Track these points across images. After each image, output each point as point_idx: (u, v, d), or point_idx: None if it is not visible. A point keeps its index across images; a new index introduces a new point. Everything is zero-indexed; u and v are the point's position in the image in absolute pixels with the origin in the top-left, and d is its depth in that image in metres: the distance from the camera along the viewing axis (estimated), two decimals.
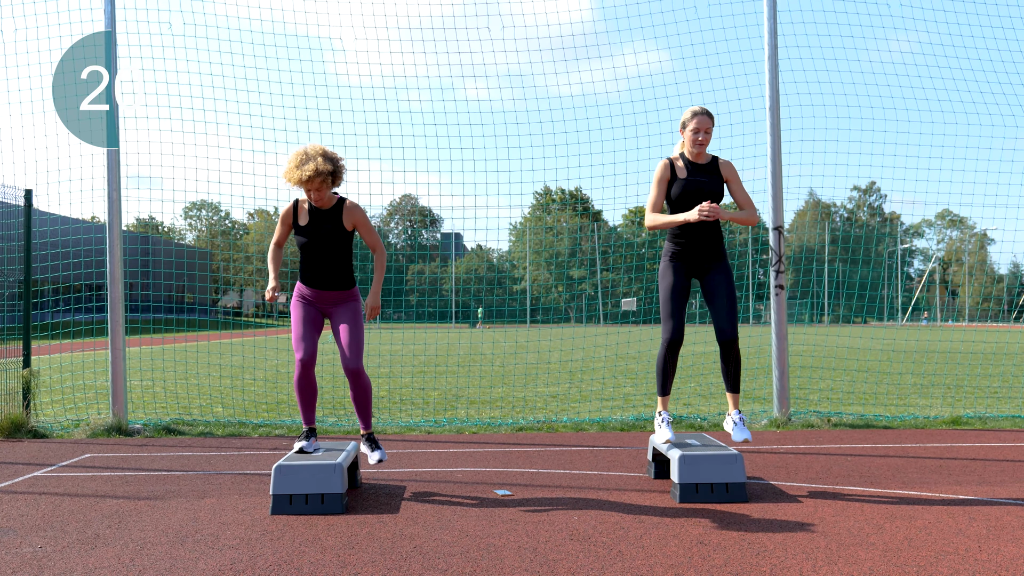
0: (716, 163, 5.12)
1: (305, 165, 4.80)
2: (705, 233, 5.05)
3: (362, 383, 5.03)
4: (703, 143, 4.98)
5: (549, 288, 58.20)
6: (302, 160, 4.82)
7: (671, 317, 4.97)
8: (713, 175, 5.06)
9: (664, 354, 4.99)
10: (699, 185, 5.01)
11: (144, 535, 4.08)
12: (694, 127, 4.99)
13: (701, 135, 4.98)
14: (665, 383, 5.04)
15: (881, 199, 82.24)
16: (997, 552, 3.73)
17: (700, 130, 4.98)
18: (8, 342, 8.15)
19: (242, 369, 14.53)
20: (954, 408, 9.05)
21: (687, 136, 5.03)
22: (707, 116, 5.00)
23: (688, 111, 5.06)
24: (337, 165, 4.91)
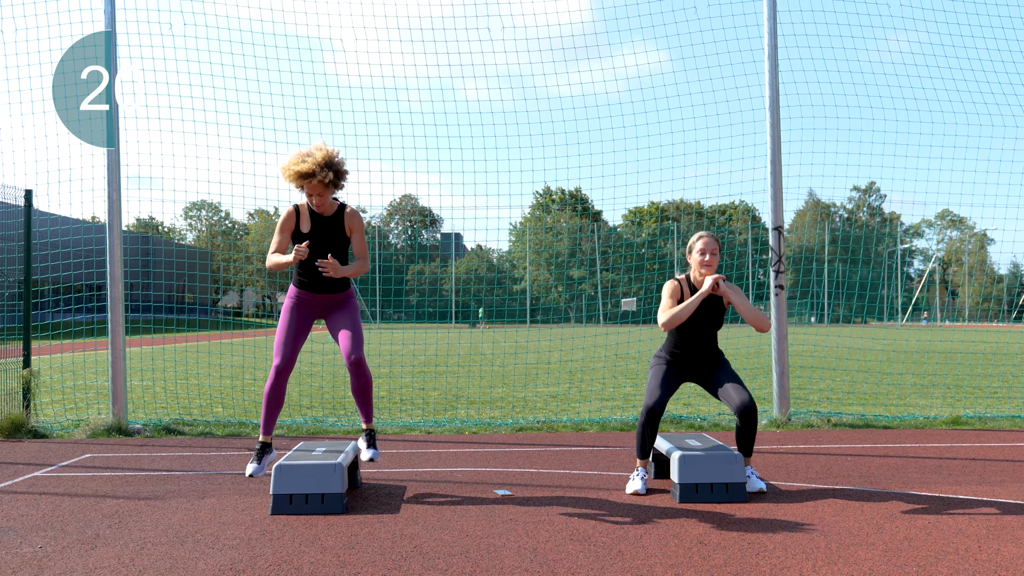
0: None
1: (304, 164, 4.74)
2: (702, 347, 5.11)
3: (364, 373, 4.96)
4: (711, 264, 5.04)
5: (549, 288, 58.21)
6: (302, 160, 4.76)
7: (657, 389, 4.99)
8: (715, 301, 5.11)
9: (644, 422, 4.97)
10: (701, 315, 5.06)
11: (144, 535, 4.08)
12: (700, 248, 5.05)
13: (708, 256, 5.03)
14: (644, 448, 5.03)
15: (881, 199, 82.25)
16: (997, 552, 3.73)
17: (707, 251, 5.03)
18: (8, 342, 8.15)
19: (242, 369, 14.53)
20: (954, 408, 9.05)
21: (694, 260, 5.09)
22: (712, 239, 5.08)
23: (694, 236, 5.15)
24: (339, 169, 4.83)
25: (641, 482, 5.00)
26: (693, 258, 5.10)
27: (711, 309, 5.08)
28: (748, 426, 4.92)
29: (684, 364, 5.15)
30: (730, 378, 5.04)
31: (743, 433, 4.94)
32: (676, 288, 5.12)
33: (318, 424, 8.06)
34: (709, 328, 5.10)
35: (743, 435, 4.95)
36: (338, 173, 4.82)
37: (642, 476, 5.04)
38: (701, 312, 5.06)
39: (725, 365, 5.16)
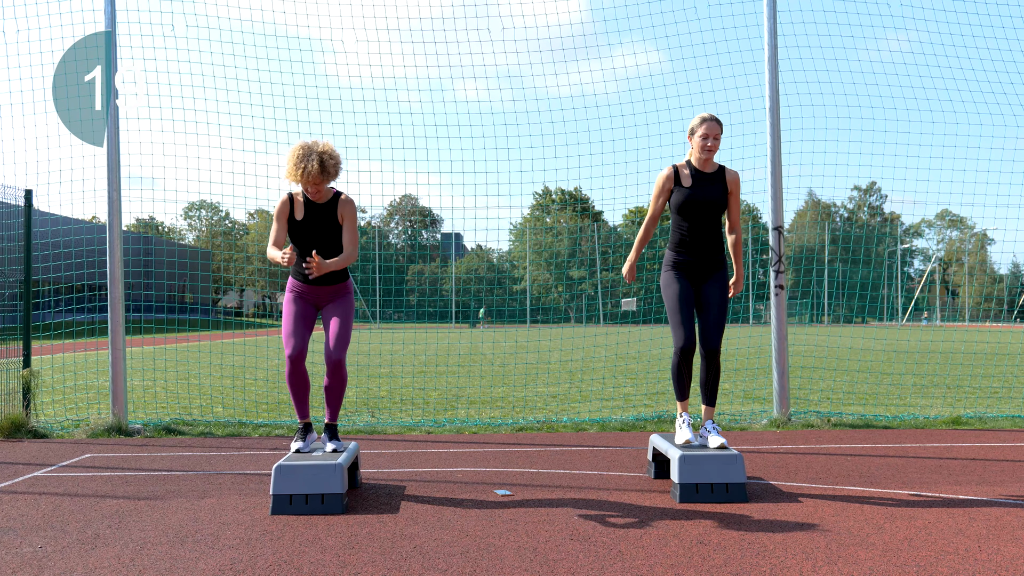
0: (723, 173, 5.10)
1: (306, 163, 4.80)
2: (705, 241, 5.07)
3: (340, 375, 5.01)
4: (712, 149, 4.95)
5: (549, 288, 58.21)
6: (302, 157, 4.83)
7: (681, 325, 4.96)
8: (718, 184, 5.05)
9: (678, 362, 4.98)
10: (704, 195, 5.01)
11: (144, 535, 4.09)
12: (703, 133, 4.97)
13: (710, 141, 4.95)
14: (683, 389, 5.05)
15: (881, 199, 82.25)
16: (997, 552, 3.73)
17: (709, 136, 4.95)
18: (8, 342, 8.15)
19: (242, 369, 14.53)
20: (954, 408, 9.05)
21: (696, 142, 5.01)
22: (716, 123, 4.97)
23: (697, 117, 5.03)
24: (335, 163, 4.91)
25: (689, 429, 4.97)
26: (695, 141, 5.00)
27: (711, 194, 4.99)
28: (710, 368, 4.97)
29: (691, 264, 5.07)
30: (717, 304, 5.01)
31: (705, 375, 5.00)
32: (669, 177, 5.03)
33: (318, 424, 8.06)
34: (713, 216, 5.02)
35: (705, 378, 5.01)
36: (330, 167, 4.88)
37: (688, 422, 5.02)
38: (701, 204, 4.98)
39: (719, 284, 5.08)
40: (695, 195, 4.99)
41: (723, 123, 5.01)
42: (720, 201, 5.02)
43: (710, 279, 5.09)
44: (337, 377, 5.02)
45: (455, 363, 16.69)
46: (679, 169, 5.05)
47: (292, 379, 5.00)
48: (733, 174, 5.09)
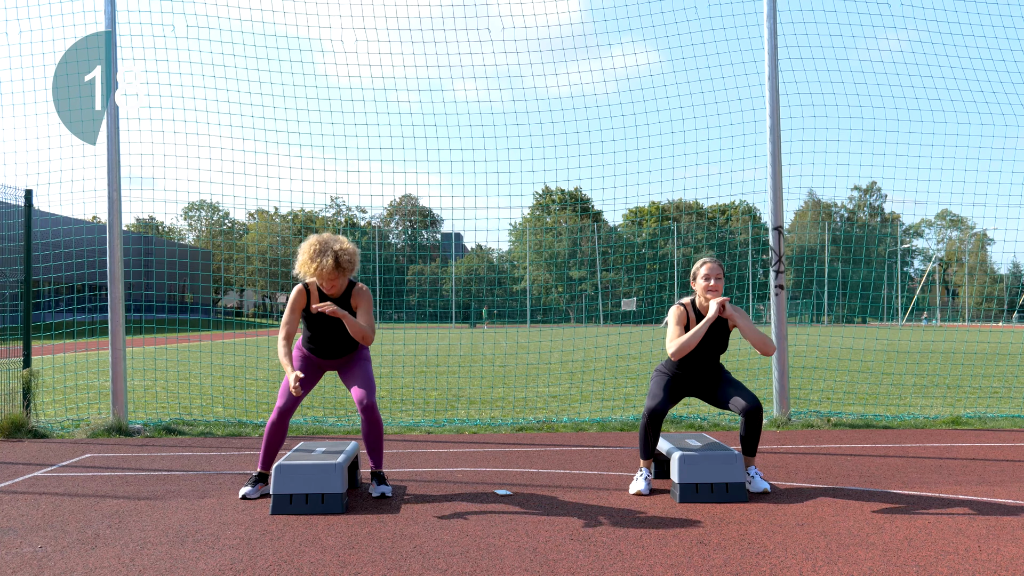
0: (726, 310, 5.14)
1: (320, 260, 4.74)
2: (705, 372, 5.13)
3: (375, 419, 4.91)
4: (715, 289, 5.04)
5: (549, 288, 58.22)
6: (317, 253, 4.77)
7: (660, 392, 5.01)
8: (720, 326, 5.11)
9: (645, 424, 4.97)
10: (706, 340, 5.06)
11: (144, 535, 4.09)
12: (704, 274, 5.06)
13: (712, 281, 5.03)
14: (647, 449, 5.04)
15: (882, 199, 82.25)
16: (997, 552, 3.73)
17: (711, 277, 5.04)
18: (8, 342, 8.15)
19: (242, 369, 14.53)
20: (954, 408, 9.05)
21: (699, 286, 5.10)
22: (717, 265, 5.09)
23: (698, 262, 5.15)
24: (351, 261, 4.84)
25: (645, 482, 5.00)
26: (698, 284, 5.11)
27: (716, 333, 5.09)
28: (752, 426, 4.92)
29: (687, 381, 5.17)
30: (735, 388, 5.04)
31: (747, 433, 4.95)
32: (682, 314, 5.11)
33: (318, 424, 8.06)
34: (713, 352, 5.11)
35: (747, 435, 4.95)
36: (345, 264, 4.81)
37: (646, 476, 5.04)
38: (706, 338, 5.07)
39: (727, 376, 5.17)
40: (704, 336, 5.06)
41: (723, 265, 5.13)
42: (721, 343, 5.13)
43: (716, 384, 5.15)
44: (373, 422, 4.91)
45: (455, 363, 16.69)
46: (687, 308, 5.14)
47: (272, 430, 4.90)
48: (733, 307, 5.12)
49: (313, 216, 69.23)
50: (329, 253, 4.77)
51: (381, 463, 5.03)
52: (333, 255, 4.77)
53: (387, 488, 4.97)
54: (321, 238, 4.83)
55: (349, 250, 4.86)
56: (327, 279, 4.82)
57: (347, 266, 4.83)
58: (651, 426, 4.94)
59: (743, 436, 4.97)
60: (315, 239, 4.83)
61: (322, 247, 4.79)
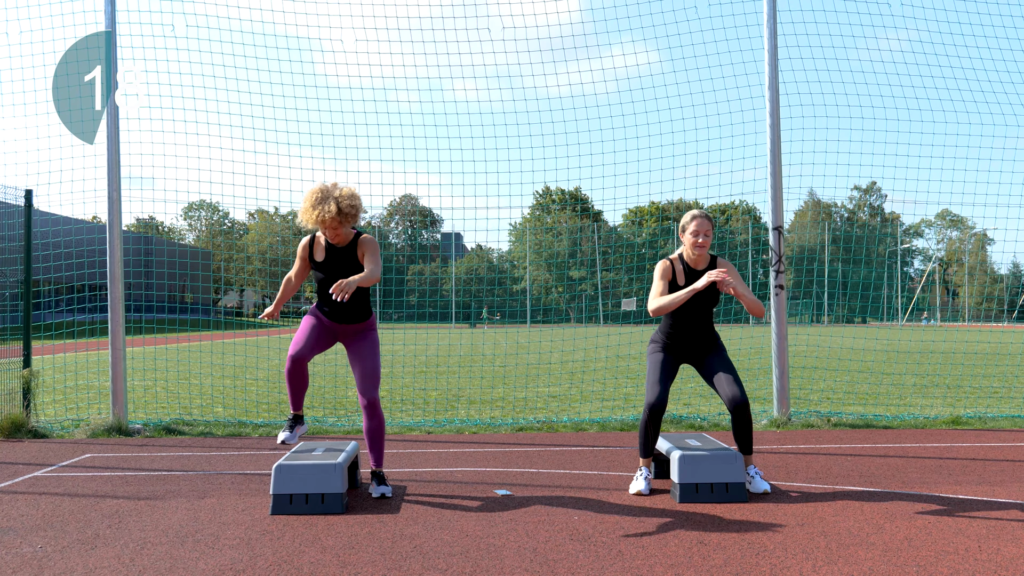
0: (715, 265, 5.10)
1: (322, 207, 4.70)
2: (697, 331, 5.06)
3: (377, 415, 4.88)
4: (703, 245, 4.97)
5: (549, 288, 58.22)
6: (318, 200, 4.72)
7: (656, 384, 4.95)
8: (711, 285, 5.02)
9: (645, 420, 4.94)
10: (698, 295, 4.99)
11: (144, 535, 4.09)
12: (693, 230, 4.98)
13: (701, 238, 4.96)
14: (647, 447, 5.00)
15: (882, 199, 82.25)
16: (997, 552, 3.73)
17: (700, 233, 4.96)
18: (8, 342, 8.15)
19: (242, 369, 14.53)
20: (954, 408, 9.05)
21: (687, 240, 5.02)
22: (706, 219, 5.00)
23: (687, 215, 5.05)
24: (354, 206, 4.79)
25: (645, 482, 4.99)
26: (686, 238, 5.02)
27: (707, 291, 5.01)
28: (741, 422, 4.91)
29: (680, 346, 5.09)
30: (724, 367, 4.98)
31: (738, 429, 4.94)
32: (668, 269, 5.04)
33: (318, 424, 8.06)
34: (704, 309, 5.03)
35: (738, 431, 4.95)
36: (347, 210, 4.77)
37: (645, 476, 5.02)
38: (693, 304, 5.00)
39: (721, 350, 5.09)
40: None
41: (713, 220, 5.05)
42: (712, 297, 5.05)
43: (707, 353, 5.09)
44: (375, 418, 4.88)
45: (455, 363, 16.69)
46: (673, 263, 5.06)
47: (292, 374, 4.86)
48: (726, 264, 5.09)
49: None
50: (331, 200, 4.72)
51: (381, 462, 5.01)
52: (335, 202, 4.72)
53: (387, 488, 4.96)
54: (322, 186, 4.77)
55: (350, 195, 4.80)
56: (330, 227, 4.76)
57: (349, 211, 4.76)
58: (651, 422, 4.92)
59: (735, 433, 4.96)
60: (317, 187, 4.77)
61: (323, 195, 4.74)
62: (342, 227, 4.80)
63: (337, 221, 4.74)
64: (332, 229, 4.79)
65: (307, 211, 4.75)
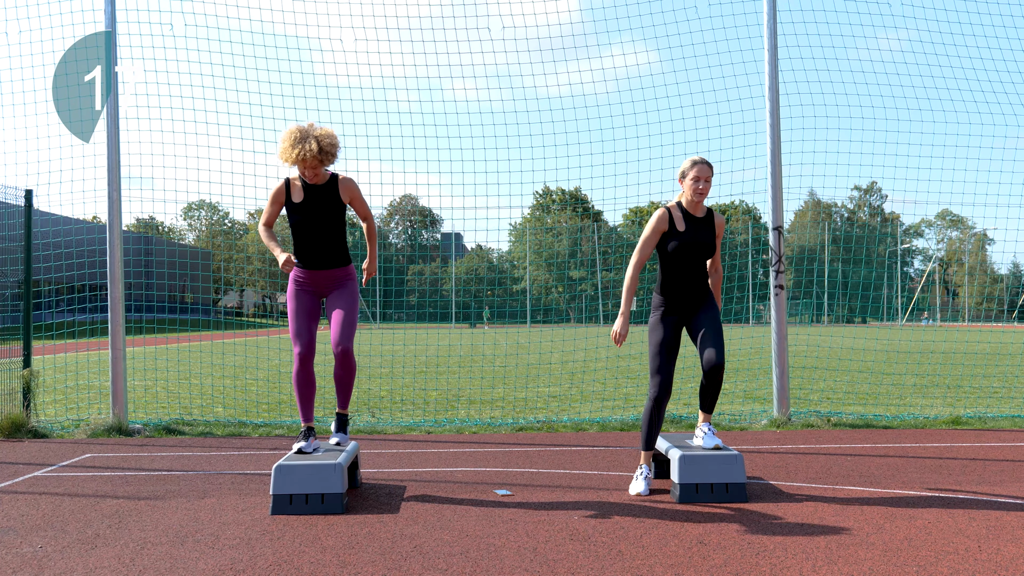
0: (711, 217, 5.11)
1: (303, 145, 4.74)
2: (693, 283, 5.08)
3: (349, 363, 4.93)
4: (703, 192, 4.98)
5: (549, 288, 58.21)
6: (297, 139, 4.76)
7: (659, 372, 4.95)
8: (707, 230, 5.07)
9: (650, 410, 4.95)
10: (695, 240, 5.02)
11: (144, 535, 4.09)
12: (694, 175, 4.97)
13: (701, 184, 4.96)
14: (650, 439, 5.00)
15: (882, 199, 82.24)
16: (997, 552, 3.73)
17: (700, 179, 4.96)
18: (8, 342, 8.15)
19: (242, 369, 14.53)
20: (954, 408, 9.05)
21: (687, 185, 5.01)
22: (707, 165, 4.99)
23: (687, 160, 5.05)
24: (333, 144, 4.85)
25: (644, 483, 4.97)
26: (686, 183, 5.02)
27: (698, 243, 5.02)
28: (711, 383, 4.96)
29: (678, 305, 5.07)
30: (712, 326, 5.00)
31: (706, 389, 5.00)
32: (663, 219, 5.02)
33: (318, 424, 8.06)
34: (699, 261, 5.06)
35: (706, 392, 5.01)
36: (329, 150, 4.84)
37: (645, 475, 5.00)
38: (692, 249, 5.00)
39: (711, 309, 5.10)
40: (688, 239, 5.01)
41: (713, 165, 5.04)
42: (710, 245, 5.07)
43: (699, 311, 5.10)
44: (346, 367, 4.94)
45: (455, 363, 16.69)
46: (672, 211, 5.05)
47: (300, 379, 4.94)
48: (720, 219, 5.14)
49: None
50: (311, 139, 4.76)
51: (347, 404, 5.11)
52: (315, 140, 4.77)
53: (344, 436, 5.06)
54: (300, 126, 4.84)
55: (329, 135, 4.86)
56: (310, 166, 4.81)
57: (329, 149, 4.82)
58: (656, 413, 4.94)
59: (702, 391, 5.04)
60: (294, 127, 4.83)
61: (303, 134, 4.79)
62: (321, 166, 4.87)
63: (317, 160, 4.80)
64: (312, 168, 4.84)
65: (286, 150, 4.78)
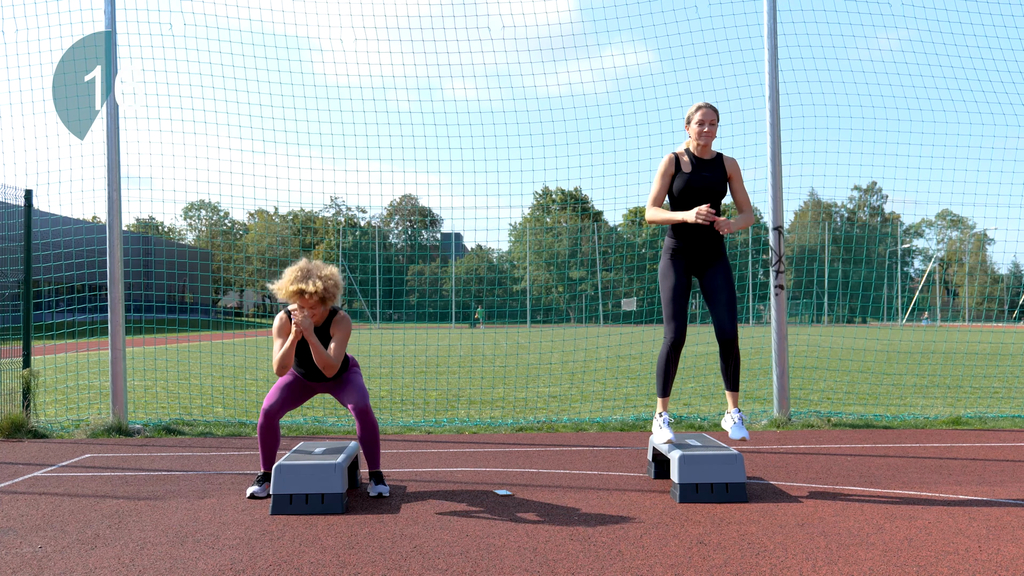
0: (720, 159, 5.17)
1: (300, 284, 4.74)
2: (705, 230, 5.09)
3: (370, 421, 4.91)
4: (708, 134, 5.04)
5: (549, 288, 58.22)
6: (298, 278, 4.77)
7: (674, 318, 5.00)
8: (717, 170, 5.11)
9: (666, 354, 5.02)
10: (703, 181, 5.06)
11: (144, 535, 4.08)
12: (699, 119, 5.06)
13: (706, 127, 5.03)
14: (666, 384, 5.08)
15: (883, 199, 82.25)
16: (997, 552, 3.73)
17: (705, 122, 5.04)
18: (8, 342, 8.15)
19: (242, 369, 14.53)
20: (954, 408, 9.05)
21: (692, 129, 5.10)
22: (711, 109, 5.07)
23: (693, 106, 5.14)
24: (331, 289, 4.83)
25: (668, 428, 5.05)
26: (692, 128, 5.09)
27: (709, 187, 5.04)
28: (727, 355, 5.00)
29: (688, 253, 5.09)
30: (726, 288, 5.04)
31: (724, 361, 5.04)
32: (671, 163, 5.08)
33: (318, 424, 8.06)
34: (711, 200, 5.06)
35: (724, 363, 5.05)
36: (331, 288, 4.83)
37: (667, 421, 5.09)
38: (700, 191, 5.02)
39: (725, 265, 5.12)
40: (694, 181, 5.05)
41: (719, 111, 5.10)
42: (719, 187, 5.09)
43: (712, 267, 5.11)
44: (368, 425, 4.91)
45: (455, 363, 16.69)
46: (679, 156, 5.12)
47: (264, 433, 4.90)
48: (732, 160, 5.19)
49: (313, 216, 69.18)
50: (314, 279, 4.76)
51: (378, 463, 5.03)
52: (320, 281, 4.76)
53: (384, 488, 4.97)
54: (306, 264, 4.84)
55: (334, 278, 4.85)
56: (309, 305, 4.81)
57: (333, 290, 4.84)
58: (671, 357, 5.01)
59: (722, 366, 5.07)
60: (301, 263, 4.84)
61: (305, 273, 4.79)
62: (318, 308, 4.85)
63: (317, 299, 4.79)
64: (311, 308, 4.83)
65: (285, 286, 4.79)
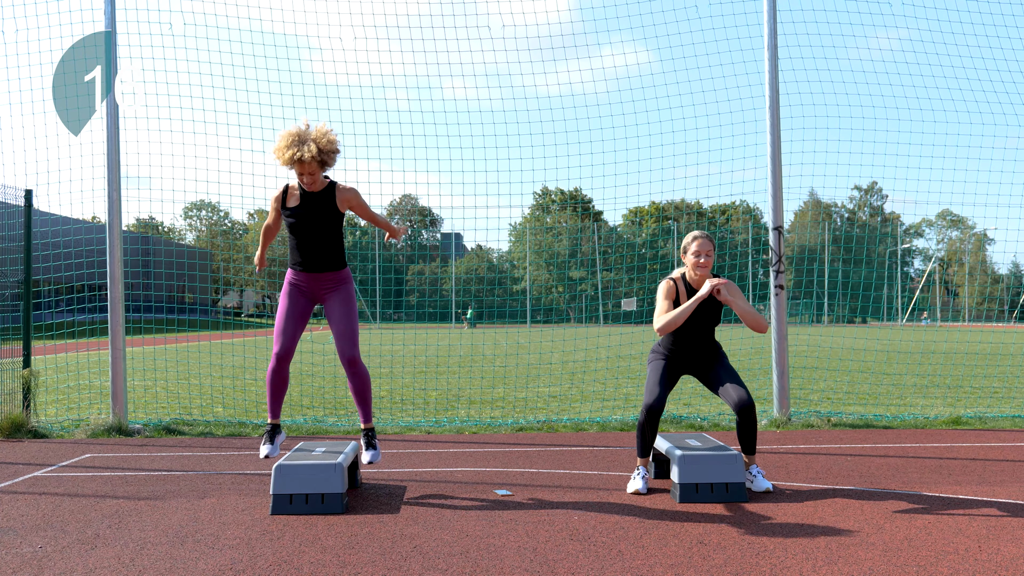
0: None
1: (296, 148, 4.63)
2: (698, 347, 5.11)
3: (359, 372, 4.90)
4: (705, 266, 5.04)
5: (549, 288, 58.23)
6: (293, 141, 4.65)
7: (656, 387, 4.99)
8: (712, 302, 5.10)
9: (643, 420, 4.95)
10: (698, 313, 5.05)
11: (144, 535, 4.08)
12: (695, 250, 5.04)
13: (703, 258, 5.02)
14: (644, 447, 5.03)
15: (883, 199, 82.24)
16: (997, 552, 3.72)
17: (701, 253, 5.02)
18: (8, 342, 8.15)
19: (242, 369, 14.53)
20: (954, 408, 9.05)
21: (689, 260, 5.08)
22: (708, 240, 5.06)
23: (688, 236, 5.14)
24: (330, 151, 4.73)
25: (642, 481, 5.00)
26: (688, 258, 5.10)
27: (708, 308, 5.09)
28: (747, 423, 4.92)
29: (682, 359, 5.16)
30: (728, 375, 5.04)
31: (743, 431, 4.95)
32: (671, 289, 5.11)
33: (318, 424, 8.06)
34: (706, 326, 5.10)
35: (743, 433, 4.95)
36: (327, 153, 4.73)
37: (643, 475, 5.04)
38: (698, 311, 5.06)
39: (723, 360, 5.15)
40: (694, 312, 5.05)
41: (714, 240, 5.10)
42: (714, 318, 5.12)
43: (709, 365, 5.14)
44: (358, 375, 4.91)
45: (455, 363, 16.69)
46: (676, 283, 5.12)
47: (274, 378, 4.94)
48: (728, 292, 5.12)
49: None
50: (309, 142, 4.65)
51: (370, 417, 5.03)
52: (314, 143, 4.65)
53: (376, 453, 4.99)
54: (299, 127, 4.70)
55: (330, 138, 4.72)
56: (307, 171, 4.70)
57: (330, 150, 4.71)
58: (649, 423, 4.94)
59: (740, 434, 4.97)
60: (293, 127, 4.70)
61: (300, 137, 4.67)
62: (320, 170, 4.76)
63: (316, 164, 4.69)
64: (309, 174, 4.73)
65: (281, 149, 4.67)
